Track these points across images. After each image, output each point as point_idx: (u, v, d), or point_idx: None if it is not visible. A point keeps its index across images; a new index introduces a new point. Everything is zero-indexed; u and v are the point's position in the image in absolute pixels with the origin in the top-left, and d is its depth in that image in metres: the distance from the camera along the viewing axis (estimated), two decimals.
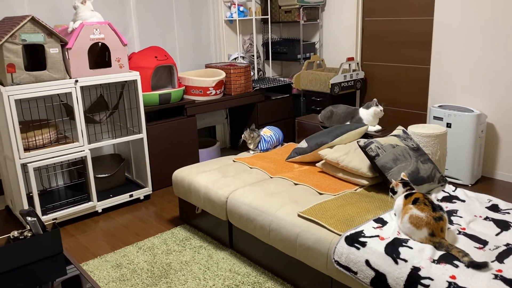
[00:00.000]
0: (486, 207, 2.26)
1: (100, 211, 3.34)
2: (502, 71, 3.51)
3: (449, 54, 3.79)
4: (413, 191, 2.08)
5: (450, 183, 3.67)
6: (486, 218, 2.14)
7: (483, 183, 3.66)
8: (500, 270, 1.70)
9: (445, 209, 2.25)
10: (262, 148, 3.31)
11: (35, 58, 3.10)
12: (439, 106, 3.73)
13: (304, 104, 4.58)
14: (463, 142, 3.52)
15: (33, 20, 2.80)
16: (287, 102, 4.62)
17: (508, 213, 2.19)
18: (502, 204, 2.29)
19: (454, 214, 2.19)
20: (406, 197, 2.04)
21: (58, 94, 3.29)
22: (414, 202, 1.98)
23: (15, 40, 2.77)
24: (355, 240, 1.97)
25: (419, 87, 4.13)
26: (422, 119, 4.14)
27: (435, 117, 3.68)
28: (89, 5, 3.10)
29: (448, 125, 3.59)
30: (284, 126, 4.63)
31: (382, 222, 2.09)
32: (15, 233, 2.10)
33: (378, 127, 3.08)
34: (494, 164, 3.72)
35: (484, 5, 3.50)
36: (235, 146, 4.77)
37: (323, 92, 4.28)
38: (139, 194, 3.51)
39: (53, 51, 2.93)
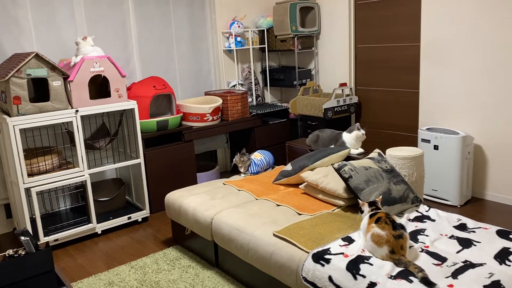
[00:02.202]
0: (453, 226, 2.35)
1: (99, 232, 3.52)
2: (488, 95, 3.61)
3: (436, 79, 3.91)
4: (378, 210, 2.19)
5: (437, 203, 3.74)
6: (451, 237, 2.23)
7: (472, 204, 3.71)
8: (451, 285, 1.79)
9: (414, 228, 2.35)
10: (253, 171, 3.46)
11: (40, 90, 3.36)
12: (427, 129, 3.83)
13: (301, 129, 4.73)
14: (450, 163, 3.61)
15: (37, 56, 3.07)
16: (284, 127, 4.78)
17: (474, 231, 2.27)
18: (471, 223, 2.37)
19: (421, 233, 2.28)
20: (370, 216, 2.16)
21: (62, 123, 3.53)
22: (377, 221, 2.09)
23: (20, 75, 3.03)
24: (320, 257, 2.09)
25: (410, 110, 4.25)
26: (414, 142, 4.24)
27: (423, 140, 3.78)
28: (89, 40, 3.36)
29: (436, 147, 3.68)
30: (281, 150, 4.78)
31: (349, 241, 2.20)
32: (10, 252, 2.29)
33: (361, 150, 3.21)
34: (483, 185, 3.78)
35: (468, 30, 3.63)
36: (235, 170, 4.93)
37: (317, 116, 4.43)
38: (137, 216, 3.69)
39: (55, 83, 3.18)
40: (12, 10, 3.46)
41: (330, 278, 1.99)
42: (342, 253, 2.09)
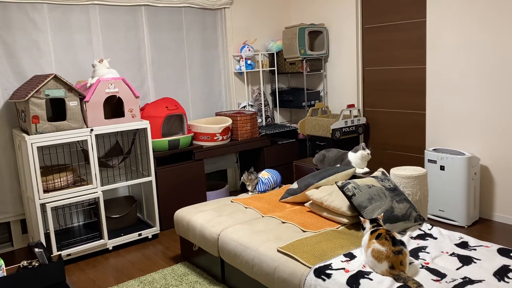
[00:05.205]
0: (455, 244, 2.38)
1: (110, 248, 3.61)
2: (494, 116, 3.65)
3: (442, 100, 3.97)
4: (379, 227, 2.24)
5: (444, 224, 3.75)
6: (452, 254, 2.27)
7: (480, 224, 3.71)
8: None
9: (416, 246, 2.39)
10: (260, 190, 3.54)
11: (57, 109, 3.52)
12: (433, 150, 3.87)
13: (310, 149, 4.81)
14: (457, 184, 3.63)
15: (56, 78, 3.23)
16: (293, 147, 4.86)
17: (475, 249, 2.30)
18: (472, 242, 2.40)
19: (422, 250, 2.32)
20: (371, 233, 2.21)
21: (77, 141, 3.67)
22: (377, 237, 2.14)
23: (39, 95, 3.19)
24: (322, 272, 2.14)
25: (417, 131, 4.30)
26: (420, 162, 4.28)
27: (429, 160, 3.82)
28: (105, 63, 3.53)
29: (442, 168, 3.72)
30: (290, 169, 4.85)
31: (351, 256, 2.25)
32: (25, 263, 2.39)
33: (366, 170, 3.27)
34: (491, 206, 3.79)
35: (473, 53, 3.71)
36: (244, 188, 5.01)
37: (326, 137, 4.51)
38: (147, 233, 3.78)
39: (72, 104, 3.33)
40: (34, 34, 3.66)
41: None
42: (343, 269, 2.14)
